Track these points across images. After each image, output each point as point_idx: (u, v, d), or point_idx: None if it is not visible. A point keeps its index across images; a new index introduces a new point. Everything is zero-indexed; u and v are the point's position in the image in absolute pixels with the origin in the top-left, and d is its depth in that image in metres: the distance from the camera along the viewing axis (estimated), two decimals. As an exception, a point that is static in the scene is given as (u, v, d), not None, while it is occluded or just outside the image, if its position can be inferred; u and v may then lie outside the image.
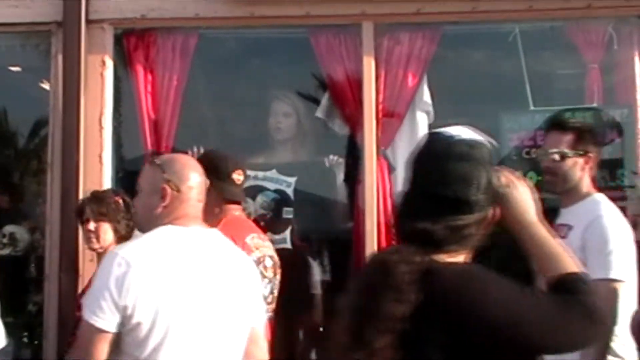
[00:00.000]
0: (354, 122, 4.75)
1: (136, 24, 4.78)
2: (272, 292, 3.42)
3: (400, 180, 4.66)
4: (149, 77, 4.80)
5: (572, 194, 3.47)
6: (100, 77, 4.69)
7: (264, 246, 3.46)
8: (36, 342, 4.77)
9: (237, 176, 3.43)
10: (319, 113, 4.94)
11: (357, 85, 4.71)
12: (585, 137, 3.50)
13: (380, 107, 4.63)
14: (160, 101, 4.79)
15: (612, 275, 3.20)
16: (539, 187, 4.62)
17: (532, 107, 4.73)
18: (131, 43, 4.82)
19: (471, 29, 4.87)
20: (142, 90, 4.79)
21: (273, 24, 4.86)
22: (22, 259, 4.89)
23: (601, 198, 3.47)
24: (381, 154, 4.61)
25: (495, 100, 5.16)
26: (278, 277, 3.49)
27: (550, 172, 3.50)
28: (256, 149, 5.59)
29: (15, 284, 4.68)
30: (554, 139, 3.52)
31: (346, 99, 4.77)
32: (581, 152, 3.45)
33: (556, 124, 3.62)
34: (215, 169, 3.32)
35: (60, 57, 4.67)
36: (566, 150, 3.44)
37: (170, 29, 4.84)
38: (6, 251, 4.87)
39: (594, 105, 4.68)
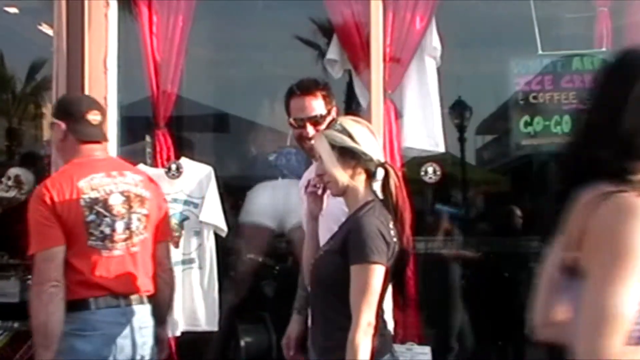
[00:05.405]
0: (361, 65, 4.70)
1: (140, -37, 4.70)
2: (128, 227, 3.39)
3: (408, 124, 4.64)
4: (154, 18, 4.73)
5: None
6: (104, 17, 4.61)
7: (110, 184, 3.39)
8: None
9: (93, 116, 3.44)
10: (332, 54, 4.87)
11: (364, 27, 4.64)
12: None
13: (388, 50, 4.58)
14: (165, 43, 4.72)
15: None
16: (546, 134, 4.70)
17: (540, 52, 4.70)
18: (135, -17, 4.74)
19: (481, -29, 4.81)
20: (147, 31, 4.72)
21: (279, -36, 4.79)
22: (28, 201, 4.86)
23: None
24: (388, 97, 4.57)
25: (504, 44, 5.13)
26: (142, 210, 3.44)
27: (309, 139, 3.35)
28: (258, 91, 5.54)
29: (20, 225, 4.64)
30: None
31: (353, 42, 4.71)
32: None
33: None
34: (69, 112, 3.45)
35: (63, -2, 4.59)
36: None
37: (176, -31, 4.75)
38: (11, 193, 4.85)
39: (603, 49, 4.65)
